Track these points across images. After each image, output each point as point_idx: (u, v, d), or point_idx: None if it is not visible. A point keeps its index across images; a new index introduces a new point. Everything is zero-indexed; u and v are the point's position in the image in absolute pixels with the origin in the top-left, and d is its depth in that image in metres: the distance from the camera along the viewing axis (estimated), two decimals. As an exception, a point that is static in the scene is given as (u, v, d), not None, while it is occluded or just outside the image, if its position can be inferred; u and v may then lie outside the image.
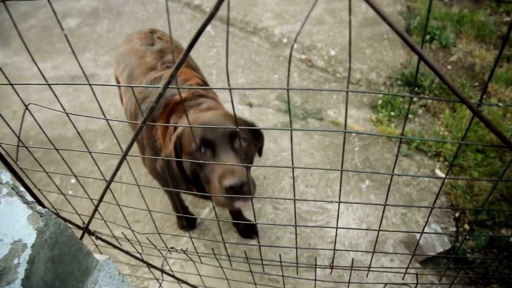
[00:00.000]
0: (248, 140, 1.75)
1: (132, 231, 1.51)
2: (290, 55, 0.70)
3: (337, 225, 1.10)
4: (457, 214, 2.65)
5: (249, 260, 1.56)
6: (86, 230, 1.56)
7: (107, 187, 1.30)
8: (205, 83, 2.28)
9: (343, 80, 3.80)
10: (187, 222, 2.59)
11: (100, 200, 1.37)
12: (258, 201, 2.71)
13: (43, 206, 1.37)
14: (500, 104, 0.77)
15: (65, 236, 1.35)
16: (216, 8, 0.74)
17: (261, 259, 1.47)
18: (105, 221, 1.52)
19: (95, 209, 1.43)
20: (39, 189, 1.44)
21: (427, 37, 4.13)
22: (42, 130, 1.30)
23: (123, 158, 1.16)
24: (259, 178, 2.88)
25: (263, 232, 2.58)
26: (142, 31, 2.57)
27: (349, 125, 3.27)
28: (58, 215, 1.45)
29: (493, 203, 2.60)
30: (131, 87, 0.96)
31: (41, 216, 1.27)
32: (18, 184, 1.12)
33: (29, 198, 1.20)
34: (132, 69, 2.26)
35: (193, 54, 3.40)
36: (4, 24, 5.04)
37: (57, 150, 1.24)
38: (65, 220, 1.54)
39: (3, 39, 4.71)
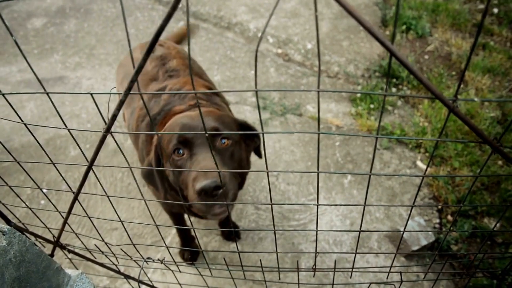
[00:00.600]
0: (233, 139, 1.60)
1: (106, 243, 1.44)
2: (257, 51, 0.64)
3: (316, 228, 1.05)
4: (440, 206, 2.64)
5: (232, 264, 1.50)
6: (56, 244, 1.48)
7: (75, 199, 1.23)
8: (211, 89, 2.10)
9: (321, 73, 3.76)
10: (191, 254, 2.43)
11: (69, 212, 1.30)
12: (240, 201, 2.65)
13: (9, 221, 1.29)
14: (476, 99, 0.73)
15: (31, 253, 1.27)
16: (174, 8, 0.67)
17: (242, 265, 1.42)
18: (76, 234, 1.45)
19: (64, 222, 1.36)
20: (3, 204, 1.35)
21: (403, 27, 4.13)
22: (1, 143, 1.21)
23: (89, 168, 1.09)
24: (239, 177, 2.81)
25: (245, 233, 2.52)
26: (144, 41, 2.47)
27: (328, 119, 3.23)
28: (26, 230, 1.36)
29: (475, 192, 2.60)
30: (88, 94, 0.89)
31: (4, 234, 1.19)
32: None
33: (-12, 216, 1.12)
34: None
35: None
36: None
37: (18, 162, 1.16)
38: (35, 235, 1.46)
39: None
